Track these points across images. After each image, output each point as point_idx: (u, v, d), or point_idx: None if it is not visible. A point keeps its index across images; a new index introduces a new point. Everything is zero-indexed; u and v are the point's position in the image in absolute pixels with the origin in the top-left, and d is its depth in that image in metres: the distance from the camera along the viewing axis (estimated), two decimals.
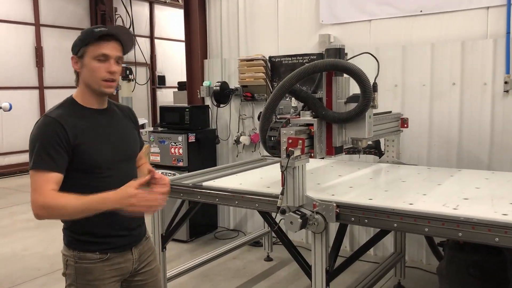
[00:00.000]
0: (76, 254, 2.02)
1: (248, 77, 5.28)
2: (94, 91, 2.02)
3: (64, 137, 1.90)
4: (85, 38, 1.98)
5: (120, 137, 2.12)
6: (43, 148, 1.87)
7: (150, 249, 2.27)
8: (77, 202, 1.83)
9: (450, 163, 4.25)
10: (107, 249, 2.04)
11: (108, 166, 2.02)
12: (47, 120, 1.93)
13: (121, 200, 1.83)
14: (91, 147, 1.98)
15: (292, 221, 2.56)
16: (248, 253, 4.98)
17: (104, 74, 1.98)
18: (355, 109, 2.59)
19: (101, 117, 2.08)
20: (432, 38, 4.32)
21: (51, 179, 1.86)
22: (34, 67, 10.54)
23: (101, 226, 2.02)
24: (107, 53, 1.98)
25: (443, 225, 2.32)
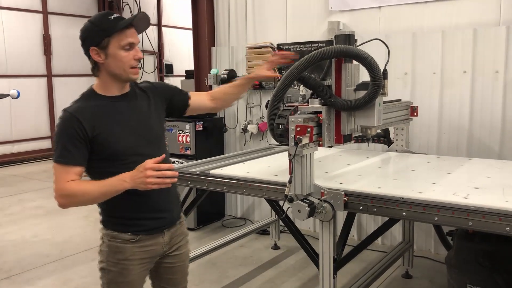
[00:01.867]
0: (110, 233, 2.10)
1: (256, 65, 5.23)
2: (121, 79, 2.05)
3: (82, 131, 1.95)
4: (106, 28, 1.96)
5: (141, 122, 2.12)
6: (62, 143, 1.96)
7: (182, 233, 2.30)
8: (96, 186, 1.93)
9: (460, 152, 4.20)
10: (138, 231, 2.10)
11: (130, 153, 2.04)
12: (64, 116, 1.99)
13: (135, 176, 1.89)
14: (110, 135, 2.01)
15: (299, 210, 2.54)
16: (256, 241, 4.98)
17: (132, 61, 2.01)
18: (365, 97, 2.55)
19: (121, 103, 2.09)
20: (443, 25, 4.25)
21: (70, 171, 1.95)
22: (42, 55, 10.55)
23: (132, 208, 2.08)
24: (133, 41, 2.00)
25: (453, 214, 2.30)
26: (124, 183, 1.91)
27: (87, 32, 2.01)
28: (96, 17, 2.04)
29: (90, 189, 1.94)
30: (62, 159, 1.95)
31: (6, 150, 10.02)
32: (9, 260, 4.62)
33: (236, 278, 4.13)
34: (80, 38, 2.03)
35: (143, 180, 1.87)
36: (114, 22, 1.98)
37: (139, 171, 1.89)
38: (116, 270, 2.10)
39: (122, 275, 2.10)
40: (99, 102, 2.04)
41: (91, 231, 5.46)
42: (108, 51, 1.98)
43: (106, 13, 2.05)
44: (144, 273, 2.17)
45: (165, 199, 2.17)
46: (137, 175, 1.89)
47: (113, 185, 1.92)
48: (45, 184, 7.95)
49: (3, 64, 9.86)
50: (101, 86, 2.07)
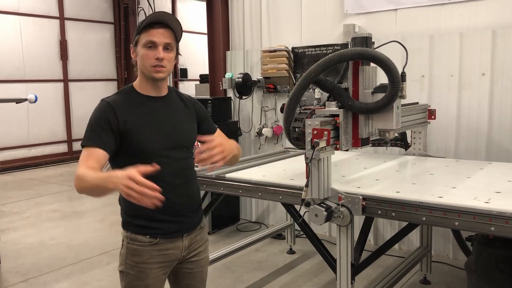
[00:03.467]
0: (129, 235, 2.10)
1: (271, 69, 5.22)
2: (147, 77, 2.08)
3: (113, 119, 1.98)
4: (138, 27, 2.05)
5: (173, 125, 2.12)
6: (92, 126, 1.99)
7: (202, 239, 2.27)
8: (93, 177, 1.83)
9: (479, 156, 4.13)
10: (157, 234, 2.08)
11: (157, 153, 2.03)
12: (101, 104, 2.04)
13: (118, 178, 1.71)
14: (140, 133, 2.02)
15: (317, 214, 2.52)
16: (271, 246, 4.96)
17: (153, 60, 2.02)
18: (383, 99, 2.52)
19: (157, 104, 2.11)
20: (461, 27, 4.19)
21: (93, 155, 1.93)
22: (59, 60, 10.68)
23: (154, 210, 1.96)
24: (154, 40, 2.01)
25: (474, 219, 2.25)
26: (109, 183, 1.76)
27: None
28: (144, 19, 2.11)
29: (90, 177, 1.84)
30: (88, 141, 1.96)
31: (23, 154, 10.15)
32: (26, 263, 4.66)
33: (251, 283, 4.10)
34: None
35: (121, 188, 1.70)
36: (145, 21, 2.04)
37: (122, 175, 1.71)
38: (134, 273, 2.09)
39: (139, 278, 2.09)
40: (136, 99, 2.09)
41: (107, 235, 5.48)
42: (137, 48, 2.05)
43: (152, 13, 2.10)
44: (162, 277, 2.16)
45: (185, 203, 2.15)
46: (119, 179, 1.72)
47: (104, 181, 1.79)
48: (61, 188, 8.02)
49: (21, 69, 10.01)
50: (139, 84, 2.12)
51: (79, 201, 7.30)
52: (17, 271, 4.45)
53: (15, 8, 9.87)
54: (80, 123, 10.33)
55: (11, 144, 9.91)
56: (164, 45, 2.03)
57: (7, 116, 9.53)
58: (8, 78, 9.73)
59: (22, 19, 9.99)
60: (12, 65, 9.83)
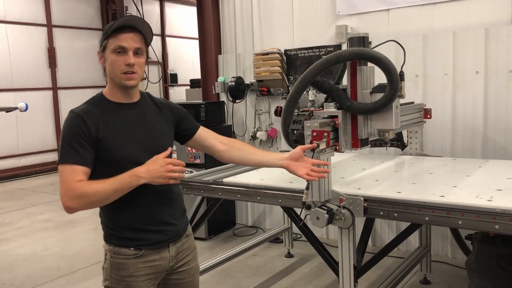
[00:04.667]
0: (112, 249, 2.01)
1: (264, 71, 5.19)
2: (117, 84, 2.00)
3: (87, 131, 1.89)
4: (105, 31, 1.96)
5: (147, 132, 2.05)
6: (68, 142, 1.89)
7: (189, 247, 2.21)
8: (108, 184, 1.84)
9: (475, 154, 4.13)
10: (142, 245, 2.01)
11: (133, 161, 1.94)
12: (70, 116, 1.94)
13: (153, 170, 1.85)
14: (114, 142, 1.95)
15: (318, 217, 2.48)
16: (268, 250, 4.91)
17: (123, 67, 1.93)
18: (382, 99, 2.50)
19: (129, 111, 2.03)
20: (454, 25, 4.20)
21: (78, 171, 1.86)
22: (47, 68, 10.57)
23: (134, 221, 1.99)
24: (124, 45, 1.93)
25: (478, 217, 2.23)
26: (139, 178, 1.85)
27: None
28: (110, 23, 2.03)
29: (102, 187, 1.84)
30: (68, 159, 1.87)
31: (13, 163, 10.01)
32: (20, 275, 4.56)
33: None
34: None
35: (163, 174, 1.85)
36: (113, 25, 1.94)
37: (158, 164, 1.86)
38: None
39: None
40: (107, 107, 1.99)
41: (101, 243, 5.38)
42: (105, 54, 1.96)
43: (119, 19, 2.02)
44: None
45: (169, 211, 2.08)
46: (156, 168, 1.86)
47: (127, 181, 1.85)
48: (53, 197, 7.90)
49: (9, 78, 9.88)
50: (108, 91, 2.03)
51: None
52: (11, 283, 4.36)
53: (1, 16, 9.75)
54: None
55: (0, 154, 9.77)
56: (134, 50, 1.94)
57: None
58: None
59: (9, 27, 9.87)
60: (0, 73, 9.70)
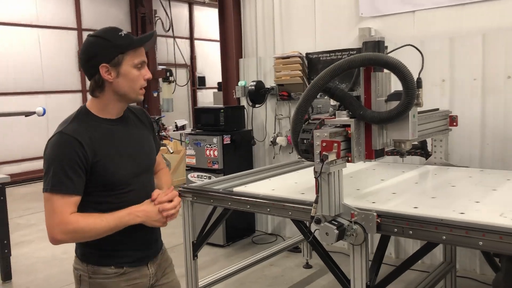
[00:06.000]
0: (90, 268, 1.89)
1: (284, 76, 5.06)
2: (128, 100, 1.91)
3: (84, 156, 1.76)
4: (121, 44, 1.81)
5: (137, 148, 1.98)
6: (62, 169, 1.73)
7: (166, 260, 2.15)
8: (104, 220, 1.78)
9: (507, 165, 3.87)
10: (123, 263, 1.92)
11: (128, 181, 1.89)
12: (63, 138, 1.77)
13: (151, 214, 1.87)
14: (109, 163, 1.84)
15: (327, 232, 2.33)
16: (286, 259, 4.77)
17: (143, 82, 1.89)
18: (397, 108, 2.33)
19: (117, 127, 1.92)
20: (484, 27, 3.95)
21: (70, 202, 1.75)
22: (77, 71, 10.77)
23: (116, 240, 1.88)
24: (145, 60, 1.88)
25: (501, 238, 2.03)
26: (136, 218, 1.84)
27: (96, 48, 1.82)
28: (105, 32, 1.87)
29: (98, 223, 1.76)
30: (61, 188, 1.73)
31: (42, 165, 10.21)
32: (38, 278, 4.59)
33: None
34: (86, 54, 1.84)
35: (160, 219, 1.89)
36: (127, 39, 1.84)
37: (155, 212, 1.87)
38: None
39: None
40: (96, 124, 1.86)
41: None
42: (120, 69, 1.82)
43: (113, 29, 1.89)
44: None
45: (151, 229, 1.99)
46: (154, 212, 1.87)
47: (125, 220, 1.82)
48: None
49: (40, 80, 10.12)
50: (98, 106, 1.88)
51: None
52: (29, 287, 4.39)
53: (33, 20, 10.01)
54: None
55: (30, 155, 10.00)
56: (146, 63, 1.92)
57: (27, 128, 9.60)
58: (28, 90, 9.85)
59: (41, 31, 10.13)
60: (32, 77, 9.95)
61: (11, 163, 9.70)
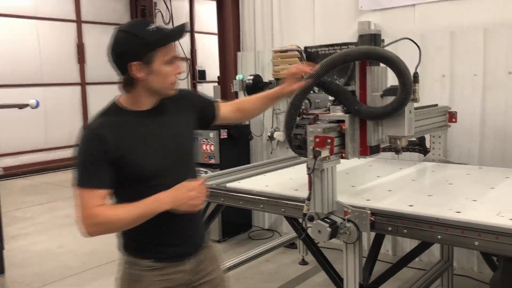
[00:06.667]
0: (128, 259, 1.93)
1: (282, 69, 4.98)
2: (159, 95, 1.88)
3: (107, 150, 1.75)
4: (151, 41, 1.76)
5: (171, 138, 1.91)
6: (85, 164, 1.77)
7: (210, 258, 2.09)
8: (130, 210, 1.76)
9: (506, 162, 3.80)
10: (160, 258, 1.91)
11: (159, 174, 1.84)
12: (88, 133, 1.80)
13: (178, 197, 1.77)
14: (137, 156, 1.81)
15: (320, 230, 2.29)
16: (283, 256, 4.72)
17: (174, 77, 1.85)
18: (393, 103, 2.27)
19: (149, 119, 1.88)
20: (485, 22, 3.87)
21: (98, 195, 1.76)
22: (76, 64, 10.68)
23: (154, 233, 1.88)
24: (176, 55, 1.86)
25: (497, 239, 1.99)
26: (164, 204, 1.77)
27: (126, 45, 1.78)
28: (134, 27, 1.83)
29: (124, 213, 1.76)
30: (87, 183, 1.76)
31: (41, 157, 10.17)
32: (31, 273, 4.55)
33: None
34: (115, 51, 1.80)
35: (187, 203, 1.77)
36: (158, 34, 1.78)
37: (182, 192, 1.77)
38: None
39: None
40: (126, 117, 1.84)
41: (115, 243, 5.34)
42: (152, 66, 1.78)
43: (143, 23, 1.85)
44: None
45: (190, 223, 1.97)
46: (181, 196, 1.77)
47: (150, 208, 1.76)
48: None
49: (39, 73, 10.04)
50: (130, 100, 1.86)
51: None
52: (21, 281, 4.35)
53: (32, 12, 9.91)
54: None
55: (29, 148, 9.95)
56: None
57: (25, 121, 9.52)
58: (26, 82, 9.76)
59: (40, 23, 10.02)
60: (30, 69, 9.87)
61: (9, 155, 9.64)
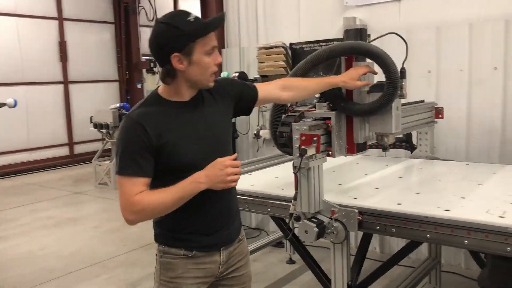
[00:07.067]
0: (162, 249, 1.94)
1: (268, 66, 4.92)
2: (200, 86, 1.88)
3: (147, 139, 1.76)
4: (191, 32, 1.74)
5: (209, 128, 1.90)
6: (126, 152, 1.78)
7: (241, 252, 2.07)
8: (169, 194, 1.75)
9: (492, 158, 3.79)
10: (193, 247, 1.91)
11: (197, 164, 1.80)
12: (128, 122, 1.80)
13: (213, 175, 1.74)
14: (177, 145, 1.81)
15: (307, 230, 2.23)
16: (270, 255, 4.67)
17: (214, 67, 1.84)
18: (380, 100, 2.22)
19: (187, 109, 1.87)
20: (471, 17, 3.85)
21: (137, 183, 1.76)
22: (58, 62, 10.49)
23: (190, 221, 1.89)
24: (215, 45, 1.82)
25: (487, 237, 1.94)
26: (200, 184, 1.75)
27: (167, 37, 1.76)
28: (174, 18, 1.79)
29: (163, 198, 1.75)
30: (127, 171, 1.76)
31: (23, 158, 9.98)
32: (12, 276, 4.43)
33: None
34: (156, 44, 1.79)
35: (224, 179, 1.75)
36: (198, 25, 1.77)
37: (217, 169, 1.75)
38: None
39: None
40: (165, 107, 1.84)
41: (99, 243, 5.25)
42: (192, 57, 1.77)
43: (183, 13, 1.81)
44: None
45: (225, 214, 1.97)
46: (216, 173, 1.75)
47: (188, 189, 1.75)
48: (60, 193, 7.83)
49: (19, 72, 9.83)
50: (170, 91, 1.86)
51: (76, 206, 7.11)
52: (1, 286, 4.22)
53: (12, 9, 9.70)
54: (82, 125, 10.09)
55: (11, 148, 9.77)
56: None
57: (7, 120, 9.31)
58: (7, 81, 9.56)
59: (20, 21, 9.82)
60: (10, 68, 9.66)
61: None
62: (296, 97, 2.24)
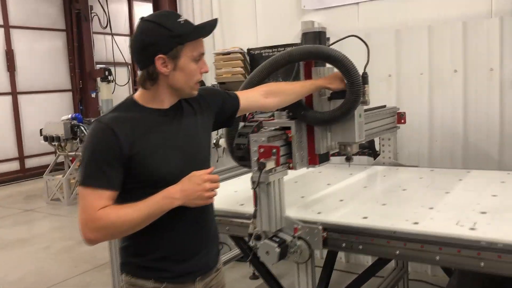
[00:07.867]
0: (128, 279, 1.71)
1: (225, 73, 4.74)
2: (182, 95, 1.72)
3: (118, 147, 1.56)
4: (181, 34, 1.60)
5: (188, 141, 1.72)
6: (93, 161, 1.57)
7: (218, 284, 1.87)
8: (136, 210, 1.55)
9: (456, 162, 3.74)
10: (163, 278, 1.68)
11: (172, 180, 1.61)
12: (97, 127, 1.60)
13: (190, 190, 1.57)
14: (152, 156, 1.62)
15: (268, 251, 2.04)
16: (232, 270, 4.46)
17: (199, 76, 1.70)
18: (341, 107, 2.07)
19: (165, 118, 1.69)
20: (430, 19, 3.81)
21: (103, 197, 1.55)
22: (6, 72, 9.94)
23: (161, 246, 1.68)
24: (204, 52, 1.70)
25: (459, 252, 1.81)
26: (173, 200, 1.56)
27: (154, 36, 1.60)
28: (163, 17, 1.65)
29: (129, 214, 1.54)
30: (92, 182, 1.55)
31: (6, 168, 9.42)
32: None
33: None
34: (140, 42, 1.62)
35: (201, 195, 1.57)
36: (189, 27, 1.63)
37: (194, 183, 1.57)
38: None
39: None
40: (142, 114, 1.66)
41: (50, 266, 4.89)
42: (178, 61, 1.62)
43: (172, 14, 1.67)
44: None
45: (201, 236, 1.77)
46: (193, 188, 1.57)
47: (160, 205, 1.56)
48: (8, 211, 7.34)
49: None
50: (149, 97, 1.67)
51: (26, 225, 6.67)
52: None
53: None
54: (33, 138, 9.57)
55: None
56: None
57: None
58: None
59: None
60: None
61: None
62: (283, 102, 2.08)
